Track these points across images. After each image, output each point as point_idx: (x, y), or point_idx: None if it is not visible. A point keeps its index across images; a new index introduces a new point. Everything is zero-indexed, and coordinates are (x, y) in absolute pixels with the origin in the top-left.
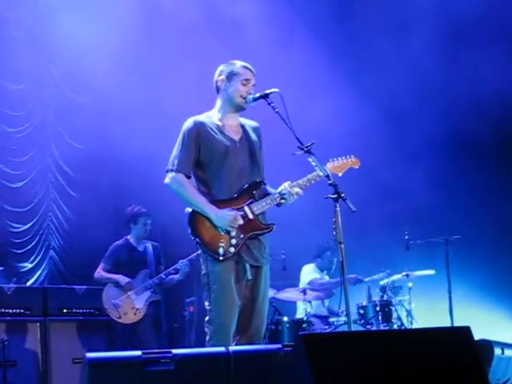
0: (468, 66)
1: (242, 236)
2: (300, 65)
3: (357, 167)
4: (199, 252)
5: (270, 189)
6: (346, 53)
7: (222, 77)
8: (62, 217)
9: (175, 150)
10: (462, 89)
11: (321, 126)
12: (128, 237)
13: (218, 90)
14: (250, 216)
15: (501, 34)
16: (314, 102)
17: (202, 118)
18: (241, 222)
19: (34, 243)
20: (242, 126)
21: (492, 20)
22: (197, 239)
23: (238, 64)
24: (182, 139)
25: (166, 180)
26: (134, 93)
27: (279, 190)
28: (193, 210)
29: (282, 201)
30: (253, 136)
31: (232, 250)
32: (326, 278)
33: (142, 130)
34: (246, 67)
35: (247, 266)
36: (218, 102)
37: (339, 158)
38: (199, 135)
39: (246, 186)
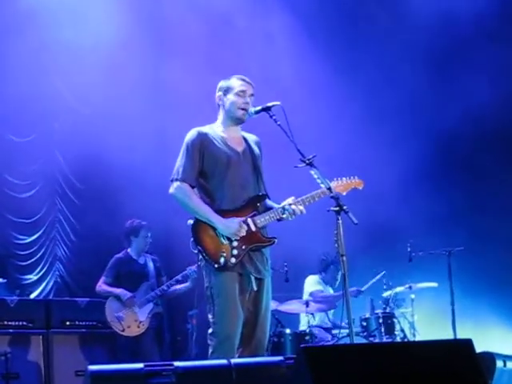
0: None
1: (243, 247)
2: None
3: (360, 188)
4: (202, 263)
5: (271, 203)
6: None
7: (220, 93)
8: (69, 227)
9: (179, 160)
10: (462, 105)
11: (325, 143)
12: (128, 250)
13: (218, 105)
14: (253, 228)
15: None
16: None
17: (205, 128)
18: (244, 232)
19: (39, 255)
20: (245, 139)
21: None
22: (199, 247)
23: (234, 77)
24: (185, 149)
25: (171, 190)
26: (138, 103)
27: (282, 205)
28: (196, 219)
29: (284, 216)
30: (255, 149)
31: (233, 260)
32: (330, 290)
33: (147, 139)
34: (241, 79)
35: (252, 278)
36: (219, 117)
37: (343, 178)
38: (202, 145)
39: (249, 198)
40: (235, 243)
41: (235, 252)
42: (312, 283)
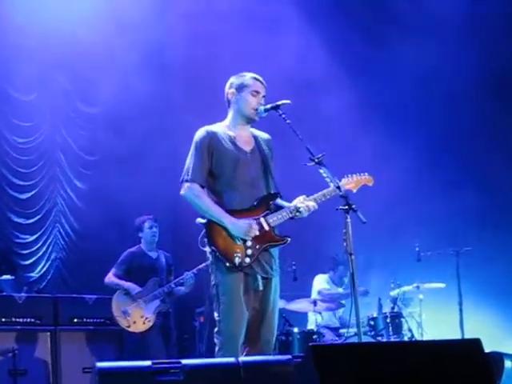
0: None
1: (257, 247)
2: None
3: (370, 184)
4: (208, 262)
5: (282, 202)
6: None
7: (232, 89)
8: (70, 228)
9: (189, 160)
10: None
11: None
12: (141, 245)
13: (228, 102)
14: (266, 227)
15: None
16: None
17: (214, 127)
18: (257, 232)
19: (40, 254)
20: (255, 138)
21: None
22: (213, 247)
23: (248, 76)
24: (194, 149)
25: (182, 191)
26: (143, 103)
27: (294, 203)
28: (208, 220)
29: (298, 214)
30: (265, 148)
31: (247, 260)
32: (340, 290)
33: (151, 140)
34: (255, 79)
35: (259, 277)
36: (230, 115)
37: (353, 175)
38: (211, 144)
39: (261, 197)
40: (249, 243)
41: (249, 252)
42: (320, 282)
